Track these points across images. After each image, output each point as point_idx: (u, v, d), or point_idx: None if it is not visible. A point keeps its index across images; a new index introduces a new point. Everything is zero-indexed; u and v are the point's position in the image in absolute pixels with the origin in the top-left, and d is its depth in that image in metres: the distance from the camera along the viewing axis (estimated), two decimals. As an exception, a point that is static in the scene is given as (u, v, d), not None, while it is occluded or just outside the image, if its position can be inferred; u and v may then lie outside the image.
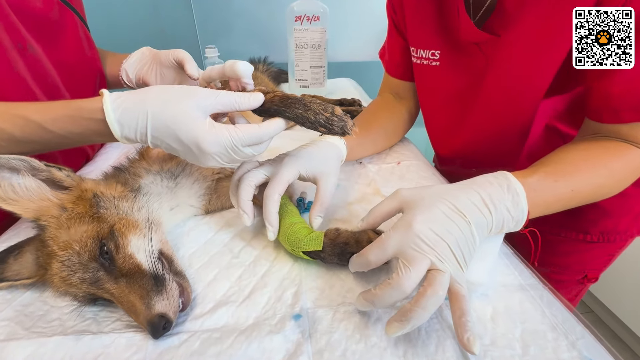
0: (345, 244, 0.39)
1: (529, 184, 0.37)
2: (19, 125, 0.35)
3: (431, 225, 0.33)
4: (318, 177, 0.45)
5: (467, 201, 0.35)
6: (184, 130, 0.35)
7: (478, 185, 0.36)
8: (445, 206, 0.34)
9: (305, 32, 0.91)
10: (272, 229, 0.41)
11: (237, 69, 0.42)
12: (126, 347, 0.32)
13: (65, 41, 0.57)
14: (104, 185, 0.40)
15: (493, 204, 0.35)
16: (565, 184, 0.40)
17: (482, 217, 0.35)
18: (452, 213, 0.34)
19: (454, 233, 0.33)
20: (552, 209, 0.41)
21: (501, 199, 0.36)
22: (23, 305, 0.36)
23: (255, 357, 0.31)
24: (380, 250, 0.34)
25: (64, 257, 0.34)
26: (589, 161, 0.42)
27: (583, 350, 0.31)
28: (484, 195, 0.35)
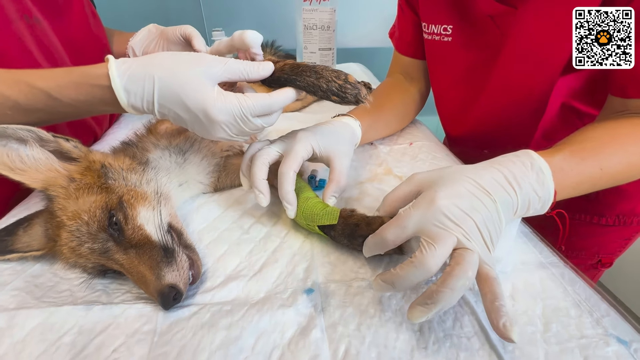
0: (356, 225, 0.37)
1: (554, 163, 0.34)
2: (24, 93, 0.35)
3: (456, 201, 0.30)
4: (332, 156, 0.43)
5: (491, 179, 0.32)
6: (192, 97, 0.34)
7: (500, 164, 0.34)
8: (469, 184, 0.32)
9: (314, 12, 0.88)
10: (291, 208, 0.39)
11: (246, 39, 0.41)
12: (136, 318, 0.32)
13: (72, 17, 0.56)
14: (112, 158, 0.39)
15: (517, 182, 0.32)
16: (593, 162, 0.37)
17: (508, 196, 0.32)
18: (477, 190, 0.31)
19: (481, 211, 0.30)
20: (581, 189, 0.37)
21: (525, 177, 0.33)
22: (33, 276, 0.36)
23: (268, 329, 0.31)
24: (399, 229, 0.31)
25: (72, 227, 0.33)
26: (618, 139, 0.39)
27: (609, 328, 0.30)
28: (507, 173, 0.33)
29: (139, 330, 0.30)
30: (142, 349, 0.29)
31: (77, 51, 0.56)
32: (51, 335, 0.30)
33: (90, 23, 0.59)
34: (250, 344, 0.29)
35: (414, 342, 0.29)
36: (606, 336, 0.29)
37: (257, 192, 0.40)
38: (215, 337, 0.30)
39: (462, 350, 0.29)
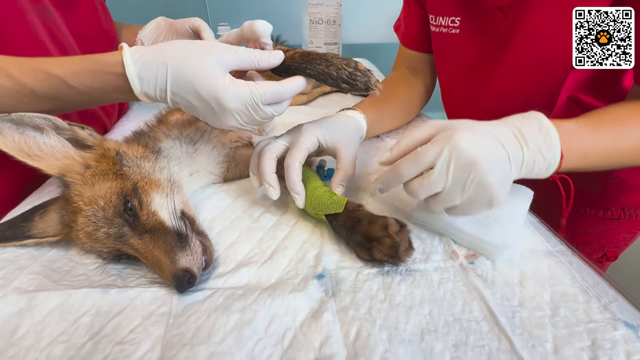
0: (359, 221, 0.36)
1: (564, 128, 0.34)
2: (40, 80, 0.35)
3: (475, 141, 0.31)
4: (338, 147, 0.43)
5: (502, 133, 0.33)
6: (204, 85, 0.34)
7: (509, 123, 0.34)
8: (485, 129, 0.33)
9: (321, 6, 0.88)
10: (299, 197, 0.40)
11: (256, 28, 0.41)
12: (152, 301, 0.32)
13: (82, 9, 0.56)
14: (126, 146, 0.40)
15: (525, 141, 0.33)
16: (607, 135, 0.36)
17: (519, 150, 0.32)
18: (492, 138, 0.32)
19: (498, 154, 0.31)
20: (591, 160, 0.36)
21: (533, 137, 0.33)
22: (49, 261, 0.36)
23: (280, 312, 0.31)
24: (415, 164, 0.32)
25: (89, 212, 0.34)
26: (638, 117, 0.38)
27: (617, 313, 0.30)
28: (515, 131, 0.33)
29: (155, 313, 0.31)
30: (158, 330, 0.30)
31: (87, 44, 0.57)
32: (70, 316, 0.31)
33: (100, 17, 0.60)
34: (263, 326, 0.30)
35: (424, 325, 0.30)
36: (614, 321, 0.30)
37: (267, 185, 0.41)
38: (229, 320, 0.30)
39: (471, 333, 0.29)
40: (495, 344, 0.28)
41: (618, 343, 0.28)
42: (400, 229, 0.34)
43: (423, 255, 0.37)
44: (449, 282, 0.34)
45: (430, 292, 0.33)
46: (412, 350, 0.28)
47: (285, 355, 0.28)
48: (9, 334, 0.29)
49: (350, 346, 0.28)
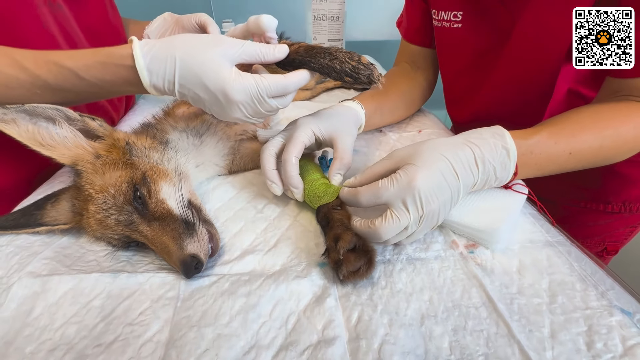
0: (328, 222, 0.35)
1: (527, 146, 0.38)
2: (53, 72, 0.36)
3: (429, 184, 0.33)
4: (335, 137, 0.44)
5: (463, 160, 0.35)
6: (211, 78, 0.35)
7: (475, 142, 0.36)
8: (444, 164, 0.35)
9: (324, 2, 0.89)
10: (297, 191, 0.41)
11: (261, 23, 0.42)
12: (160, 285, 0.33)
13: (91, 5, 0.58)
14: (135, 137, 0.41)
15: (483, 164, 0.36)
16: (564, 146, 0.40)
17: (471, 176, 0.36)
18: (448, 173, 0.34)
19: (444, 194, 0.34)
20: (545, 170, 0.41)
21: (492, 160, 0.36)
22: (61, 248, 0.38)
23: (284, 297, 0.32)
24: (375, 197, 0.35)
25: (100, 199, 0.35)
26: (598, 123, 0.41)
27: (613, 300, 0.31)
28: (477, 154, 0.36)
29: (163, 296, 0.32)
30: (166, 313, 0.31)
31: (95, 38, 0.58)
32: (82, 298, 0.32)
33: (108, 11, 0.61)
34: (267, 310, 0.31)
35: (424, 310, 0.31)
36: (610, 307, 0.30)
37: (269, 182, 0.42)
38: (235, 304, 0.32)
39: (470, 319, 0.30)
40: (493, 328, 0.29)
41: (614, 328, 0.29)
42: (356, 251, 0.32)
43: (424, 245, 0.38)
44: (448, 270, 0.35)
45: (430, 280, 0.34)
46: (412, 334, 0.29)
47: (289, 337, 0.29)
48: (24, 314, 0.30)
49: (352, 329, 0.29)
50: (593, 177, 0.57)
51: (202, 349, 0.28)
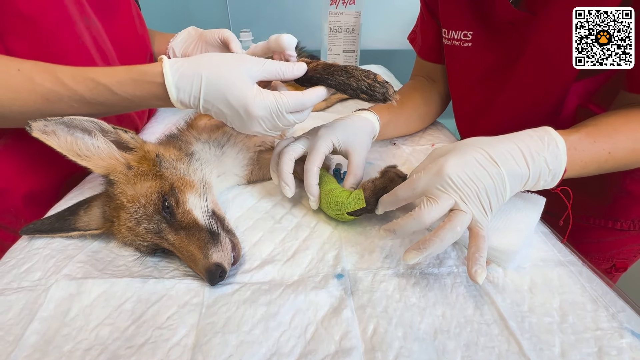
0: (384, 188, 0.41)
1: (570, 141, 0.38)
2: (89, 87, 0.39)
3: (461, 169, 0.34)
4: (350, 151, 0.47)
5: (503, 151, 0.36)
6: (234, 95, 0.38)
7: (517, 137, 0.37)
8: (479, 154, 0.35)
9: (340, 15, 0.91)
10: (313, 199, 0.44)
11: (281, 42, 0.45)
12: (186, 292, 0.35)
13: (120, 19, 0.61)
14: (163, 148, 0.43)
15: (531, 156, 0.36)
16: (603, 145, 0.40)
17: (517, 167, 0.35)
18: (485, 161, 0.35)
19: (483, 180, 0.34)
20: (588, 170, 0.40)
21: (540, 151, 0.36)
22: (93, 252, 0.40)
23: (302, 307, 0.34)
24: (410, 189, 0.36)
25: (131, 209, 0.37)
26: (628, 125, 0.41)
27: (624, 322, 0.32)
28: (522, 146, 0.36)
29: (189, 302, 0.34)
30: (192, 318, 0.33)
31: (123, 50, 0.61)
32: (114, 301, 0.34)
33: (135, 24, 0.64)
34: (287, 320, 0.33)
35: (437, 325, 0.32)
36: (621, 329, 0.31)
37: (283, 184, 0.45)
38: (256, 312, 0.33)
39: (482, 335, 0.31)
40: (504, 346, 0.30)
41: (624, 350, 0.29)
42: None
43: (437, 260, 0.39)
44: (461, 287, 0.36)
45: (443, 295, 0.35)
46: (425, 348, 0.30)
47: (308, 346, 0.30)
48: (62, 315, 0.33)
49: (368, 341, 0.31)
50: (602, 194, 0.57)
51: (227, 355, 0.30)
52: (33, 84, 0.37)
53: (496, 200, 0.35)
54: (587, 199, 0.59)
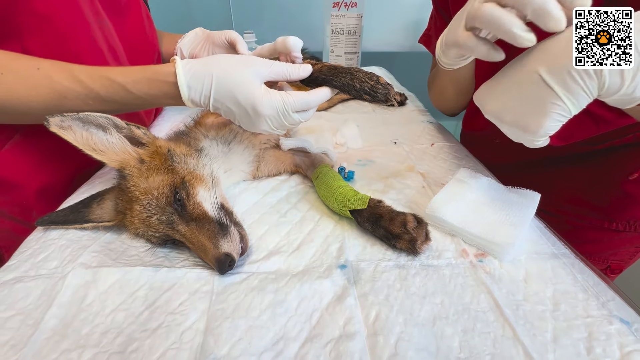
0: (380, 217, 0.41)
1: None
2: (105, 86, 0.41)
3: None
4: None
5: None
6: (243, 94, 0.39)
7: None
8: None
9: (342, 17, 0.93)
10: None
11: (288, 44, 0.46)
12: (196, 280, 0.37)
13: (131, 19, 0.62)
14: (174, 144, 0.45)
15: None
16: None
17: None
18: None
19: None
20: None
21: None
22: (106, 243, 0.42)
23: (308, 295, 0.35)
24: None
25: (144, 201, 0.39)
26: None
27: (613, 310, 0.33)
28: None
29: (199, 290, 0.36)
30: (203, 305, 0.34)
31: (133, 50, 0.63)
32: (128, 289, 0.36)
33: (145, 25, 0.66)
34: (293, 306, 0.34)
35: (436, 312, 0.34)
36: (610, 317, 0.33)
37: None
38: (264, 299, 0.35)
39: (478, 322, 0.33)
40: (500, 331, 0.32)
41: (612, 336, 0.31)
42: (418, 224, 0.38)
43: (436, 253, 0.41)
44: (459, 277, 0.38)
45: (442, 285, 0.37)
46: (425, 333, 0.32)
47: (313, 331, 0.32)
48: (79, 301, 0.34)
49: (370, 326, 0.32)
50: (600, 194, 0.59)
51: (237, 338, 0.31)
52: (51, 81, 0.39)
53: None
54: (585, 198, 0.61)
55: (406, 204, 0.49)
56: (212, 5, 1.41)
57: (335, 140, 0.67)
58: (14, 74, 0.38)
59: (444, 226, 0.44)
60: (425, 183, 0.54)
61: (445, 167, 0.59)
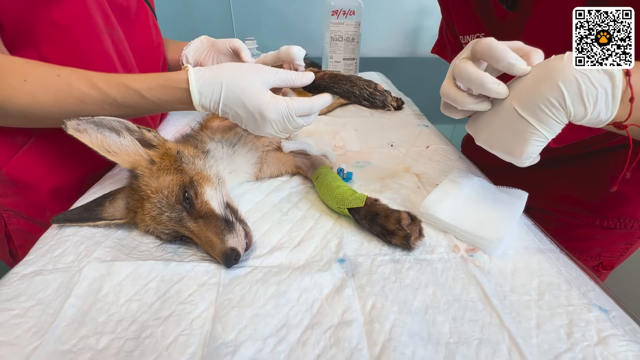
0: (377, 214, 0.44)
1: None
2: (121, 92, 0.44)
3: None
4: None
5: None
6: (250, 100, 0.42)
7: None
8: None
9: (341, 25, 0.97)
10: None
11: (291, 53, 0.50)
12: (204, 273, 0.39)
13: (139, 28, 0.66)
14: (182, 146, 0.48)
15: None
16: None
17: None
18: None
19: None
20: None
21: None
22: (118, 239, 0.44)
23: (309, 287, 0.38)
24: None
25: (155, 199, 0.41)
26: None
27: (593, 299, 0.36)
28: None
29: (207, 282, 0.38)
30: (211, 295, 0.37)
31: (141, 57, 0.66)
32: (140, 281, 0.38)
33: (152, 33, 0.69)
34: (295, 297, 0.37)
35: (429, 302, 0.36)
36: (590, 305, 0.35)
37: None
38: (267, 290, 0.37)
39: (467, 310, 0.35)
40: (487, 319, 0.34)
41: (591, 322, 0.33)
42: (412, 221, 0.41)
43: (429, 248, 0.43)
44: (450, 270, 0.40)
45: (434, 277, 0.39)
46: (417, 320, 0.34)
47: (314, 319, 0.34)
48: (95, 292, 0.37)
49: (367, 314, 0.35)
50: (591, 190, 0.61)
51: (243, 325, 0.34)
52: (71, 87, 0.42)
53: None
54: (577, 197, 0.63)
55: (402, 202, 0.52)
56: (214, 13, 1.45)
57: (335, 142, 0.70)
58: (37, 81, 0.41)
59: (437, 223, 0.46)
60: (420, 183, 0.56)
61: (439, 168, 0.61)
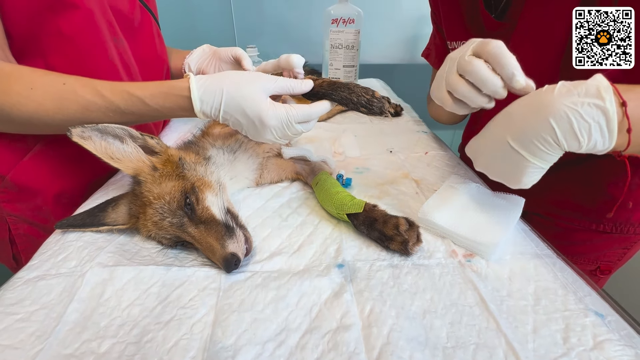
0: (375, 220, 0.44)
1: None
2: (125, 99, 0.45)
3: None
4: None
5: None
6: (251, 107, 0.43)
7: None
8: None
9: (340, 33, 0.98)
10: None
11: (291, 61, 0.51)
12: (204, 278, 0.40)
13: (143, 37, 0.67)
14: (184, 153, 0.48)
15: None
16: None
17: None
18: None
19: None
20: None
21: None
22: (121, 244, 0.45)
23: (308, 291, 0.38)
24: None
25: (157, 205, 0.42)
26: None
27: (589, 304, 0.36)
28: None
29: (208, 287, 0.39)
30: (211, 300, 0.37)
31: (144, 66, 0.67)
32: (142, 285, 0.38)
33: (155, 43, 0.70)
34: (294, 301, 0.37)
35: (426, 307, 0.37)
36: (586, 310, 0.35)
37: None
38: (267, 295, 0.38)
39: (465, 315, 0.36)
40: (484, 324, 0.35)
41: (587, 327, 0.34)
42: (410, 227, 0.41)
43: (427, 253, 0.44)
44: (448, 275, 0.40)
45: (432, 282, 0.40)
46: (415, 325, 0.35)
47: (312, 323, 0.35)
48: (97, 296, 0.37)
49: (365, 319, 0.35)
50: (587, 195, 0.62)
51: (243, 329, 0.34)
52: (76, 95, 0.43)
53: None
54: (574, 202, 0.64)
55: (400, 208, 0.52)
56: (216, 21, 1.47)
57: (334, 149, 0.71)
58: (43, 89, 0.42)
59: (435, 229, 0.47)
60: (418, 189, 0.57)
61: (438, 174, 0.62)
